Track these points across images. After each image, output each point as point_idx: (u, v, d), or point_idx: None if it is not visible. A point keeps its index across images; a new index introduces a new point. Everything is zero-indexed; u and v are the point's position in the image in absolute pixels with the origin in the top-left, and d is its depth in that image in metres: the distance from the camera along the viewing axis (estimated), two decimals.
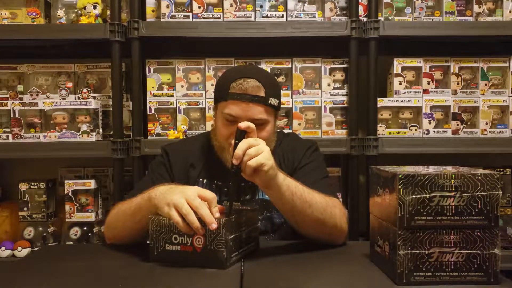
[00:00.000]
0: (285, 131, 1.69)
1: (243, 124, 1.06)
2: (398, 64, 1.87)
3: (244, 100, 1.22)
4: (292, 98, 1.88)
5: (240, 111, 1.23)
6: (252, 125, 1.07)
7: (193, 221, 0.93)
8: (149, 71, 1.90)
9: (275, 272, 0.94)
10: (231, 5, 1.85)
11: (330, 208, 1.15)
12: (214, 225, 0.93)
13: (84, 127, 1.84)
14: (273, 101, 1.26)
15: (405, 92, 1.87)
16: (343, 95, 1.89)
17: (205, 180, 1.33)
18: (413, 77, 1.89)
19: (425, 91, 1.87)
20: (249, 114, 1.22)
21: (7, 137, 1.84)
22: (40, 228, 1.87)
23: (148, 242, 1.02)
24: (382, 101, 1.86)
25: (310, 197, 1.11)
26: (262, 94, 1.24)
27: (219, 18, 1.84)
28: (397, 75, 1.87)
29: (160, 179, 1.31)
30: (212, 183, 1.33)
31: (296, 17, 1.86)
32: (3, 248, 1.82)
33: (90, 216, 1.84)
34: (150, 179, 1.33)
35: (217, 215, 0.96)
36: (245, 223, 1.03)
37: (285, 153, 1.36)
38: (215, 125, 1.34)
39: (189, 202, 0.94)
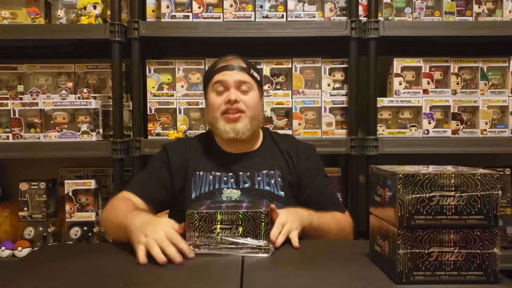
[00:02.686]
0: (280, 132, 1.71)
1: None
2: (398, 64, 1.87)
3: (230, 69, 1.38)
4: (292, 98, 1.88)
5: (227, 77, 1.37)
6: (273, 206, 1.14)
7: (160, 258, 0.97)
8: (149, 71, 1.90)
9: (275, 272, 0.94)
10: (231, 5, 1.85)
11: (342, 227, 1.33)
12: (178, 259, 0.97)
13: (84, 127, 1.85)
14: (254, 73, 1.42)
15: (405, 92, 1.87)
16: (343, 95, 1.89)
17: (201, 173, 1.39)
18: (413, 77, 1.89)
19: (425, 91, 1.87)
20: (236, 78, 1.37)
21: (7, 137, 1.84)
22: (40, 228, 1.88)
23: None
24: (382, 101, 1.86)
25: (327, 226, 1.27)
26: (244, 65, 1.41)
27: (219, 18, 1.85)
28: (397, 75, 1.87)
29: (157, 179, 1.39)
30: (210, 174, 1.39)
31: (296, 17, 1.86)
32: (3, 248, 1.83)
33: (90, 216, 1.84)
34: (148, 175, 1.41)
35: (185, 248, 0.99)
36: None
37: (288, 153, 1.45)
38: (208, 104, 1.44)
39: (158, 243, 0.99)
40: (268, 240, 1.03)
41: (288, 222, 1.13)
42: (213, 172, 1.38)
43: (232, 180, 1.37)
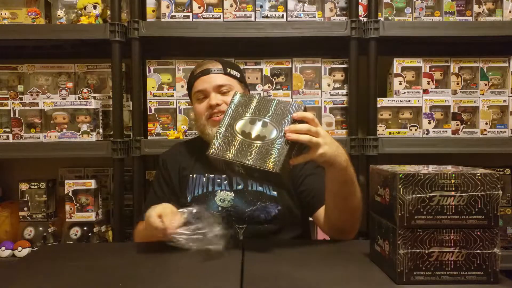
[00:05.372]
0: None
1: (296, 115, 1.05)
2: (398, 64, 1.87)
3: (206, 74, 1.41)
4: (292, 98, 1.88)
5: (205, 83, 1.40)
6: (308, 115, 1.05)
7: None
8: (149, 71, 1.90)
9: (276, 271, 0.94)
10: (231, 5, 1.85)
11: (360, 204, 1.22)
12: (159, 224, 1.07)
13: (84, 127, 1.85)
14: (232, 71, 1.43)
15: (405, 92, 1.87)
16: (343, 95, 1.89)
17: (195, 175, 1.42)
18: (413, 77, 1.89)
19: (425, 91, 1.87)
20: (213, 83, 1.40)
21: (7, 137, 1.84)
22: (40, 228, 1.88)
23: None
24: (382, 101, 1.86)
25: (356, 185, 1.18)
26: (220, 67, 1.43)
27: (219, 18, 1.85)
28: (397, 75, 1.87)
29: (163, 196, 1.41)
30: (203, 176, 1.40)
31: (296, 17, 1.86)
32: (3, 248, 1.83)
33: (90, 216, 1.84)
34: (153, 198, 1.42)
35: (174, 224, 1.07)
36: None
37: None
38: (194, 114, 1.48)
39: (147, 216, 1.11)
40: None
41: (328, 144, 1.05)
42: (206, 174, 1.40)
43: (225, 182, 1.38)
